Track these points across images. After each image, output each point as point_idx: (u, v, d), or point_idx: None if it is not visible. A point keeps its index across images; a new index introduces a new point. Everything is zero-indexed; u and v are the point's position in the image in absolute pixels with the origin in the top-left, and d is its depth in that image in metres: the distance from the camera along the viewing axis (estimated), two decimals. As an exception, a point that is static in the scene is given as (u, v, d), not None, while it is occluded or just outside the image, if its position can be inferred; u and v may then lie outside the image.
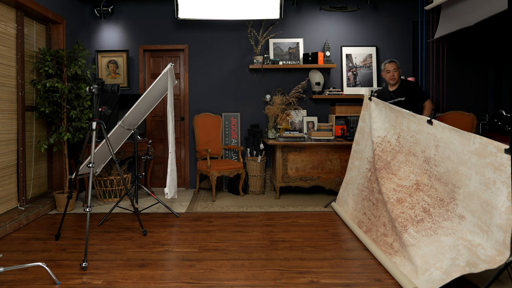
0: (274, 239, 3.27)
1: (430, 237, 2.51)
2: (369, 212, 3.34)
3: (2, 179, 3.60)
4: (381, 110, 3.57)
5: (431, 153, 2.76)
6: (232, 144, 5.29)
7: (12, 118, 3.77)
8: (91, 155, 3.03)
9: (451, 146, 2.53)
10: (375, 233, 3.09)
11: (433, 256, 2.40)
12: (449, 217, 2.47)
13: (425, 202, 2.70)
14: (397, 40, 5.31)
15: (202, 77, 5.33)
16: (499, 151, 2.14)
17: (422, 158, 2.88)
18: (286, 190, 5.11)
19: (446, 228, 2.45)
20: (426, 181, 2.78)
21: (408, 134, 3.11)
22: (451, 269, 2.23)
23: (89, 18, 5.25)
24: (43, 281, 2.46)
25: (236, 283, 2.45)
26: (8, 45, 3.70)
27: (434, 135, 2.74)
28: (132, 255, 2.92)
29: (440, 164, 2.65)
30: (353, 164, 3.89)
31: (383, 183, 3.13)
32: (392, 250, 2.78)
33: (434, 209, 2.61)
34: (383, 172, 3.21)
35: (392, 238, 2.85)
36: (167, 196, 3.72)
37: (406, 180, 2.96)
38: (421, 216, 2.66)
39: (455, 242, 2.34)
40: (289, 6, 5.21)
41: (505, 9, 3.46)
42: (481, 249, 2.17)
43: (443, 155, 2.62)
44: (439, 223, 2.51)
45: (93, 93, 3.18)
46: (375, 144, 3.47)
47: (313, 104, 5.34)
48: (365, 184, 3.56)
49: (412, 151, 3.02)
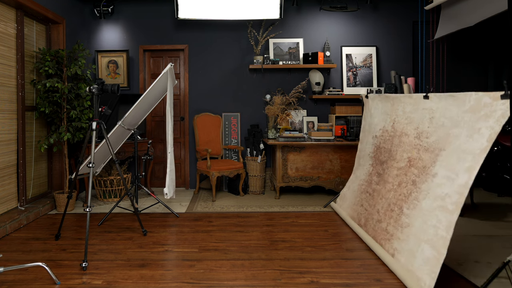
0: (274, 239, 3.27)
1: (416, 207, 2.57)
2: (366, 203, 3.37)
3: (2, 179, 3.60)
4: (377, 104, 3.66)
5: (425, 127, 2.81)
6: (232, 144, 5.29)
7: (12, 118, 3.77)
8: (91, 155, 3.03)
9: (447, 113, 2.57)
10: (371, 222, 3.13)
11: (420, 228, 2.45)
12: (426, 179, 2.54)
13: (413, 175, 2.76)
14: (397, 40, 5.31)
15: (202, 77, 5.33)
16: (494, 100, 2.17)
17: (413, 135, 2.92)
18: (286, 190, 5.11)
19: (424, 191, 2.52)
20: (415, 155, 2.83)
21: (403, 117, 3.16)
22: (437, 241, 2.27)
23: (89, 18, 5.25)
24: (43, 281, 2.46)
25: (236, 283, 2.45)
26: (8, 45, 3.70)
27: (429, 109, 2.79)
28: (132, 255, 2.92)
29: (432, 135, 2.70)
30: (358, 163, 3.93)
31: (389, 172, 3.14)
32: (388, 235, 2.80)
33: (419, 177, 2.67)
34: (389, 162, 3.23)
35: (385, 222, 2.88)
36: (166, 196, 3.72)
37: (402, 161, 3.00)
38: (410, 190, 2.72)
39: (431, 205, 2.41)
40: (289, 6, 5.21)
41: (505, 9, 3.46)
42: (448, 198, 2.27)
43: (437, 125, 2.66)
44: (420, 188, 2.58)
45: (93, 93, 3.18)
46: (378, 138, 3.51)
47: (313, 104, 5.34)
48: (366, 179, 3.59)
49: (404, 131, 3.07)
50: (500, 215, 3.87)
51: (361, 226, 3.31)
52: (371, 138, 3.65)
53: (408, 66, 5.29)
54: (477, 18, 3.90)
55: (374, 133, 3.60)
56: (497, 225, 3.56)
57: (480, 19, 3.85)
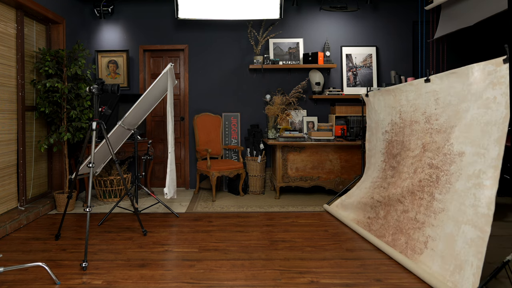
0: (274, 239, 3.27)
1: (449, 191, 2.48)
2: (378, 195, 3.32)
3: (2, 179, 3.60)
4: (379, 99, 3.65)
5: (432, 109, 2.80)
6: (232, 144, 5.29)
7: (12, 118, 3.77)
8: (91, 155, 3.03)
9: (451, 91, 2.57)
10: (394, 214, 3.02)
11: (458, 211, 2.37)
12: (453, 159, 2.48)
13: (428, 158, 2.74)
14: (397, 40, 5.31)
15: (202, 77, 5.33)
16: (497, 66, 2.17)
17: (423, 120, 2.91)
18: (286, 190, 5.11)
19: (455, 172, 2.45)
20: (428, 139, 2.82)
21: (408, 105, 3.16)
22: (478, 220, 2.19)
23: (89, 18, 5.25)
24: (43, 281, 2.46)
25: (236, 283, 2.45)
26: (8, 45, 3.70)
27: (433, 91, 2.79)
28: (132, 255, 2.92)
29: (441, 116, 2.69)
30: (369, 163, 3.89)
31: (404, 163, 3.11)
32: (418, 223, 2.72)
33: (434, 159, 2.65)
34: (402, 153, 3.21)
35: (414, 212, 2.79)
36: (167, 196, 3.72)
37: (416, 149, 2.97)
38: (430, 174, 2.67)
39: (465, 185, 2.34)
40: (289, 6, 5.21)
41: (505, 9, 3.46)
42: (483, 174, 2.21)
43: (444, 104, 2.66)
44: (449, 171, 2.51)
45: (93, 93, 3.18)
46: (389, 132, 3.49)
47: (313, 104, 5.34)
48: (380, 175, 3.54)
49: (414, 119, 3.06)
50: (500, 215, 3.87)
51: (371, 221, 3.27)
52: (381, 134, 3.62)
53: (408, 66, 5.29)
54: (477, 17, 3.90)
55: (384, 128, 3.57)
56: (497, 225, 3.56)
57: (480, 19, 3.85)
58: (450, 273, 2.28)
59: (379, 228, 3.14)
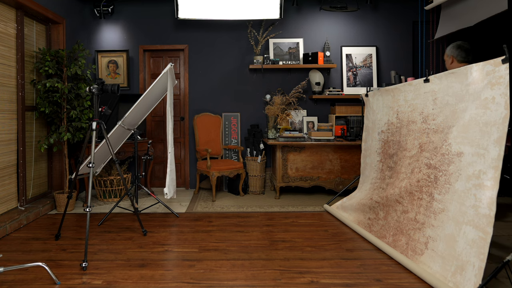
0: (274, 239, 3.27)
1: (449, 191, 2.47)
2: (376, 196, 3.32)
3: (2, 179, 3.60)
4: (378, 99, 3.65)
5: (429, 109, 2.81)
6: (232, 144, 5.29)
7: (12, 118, 3.77)
8: (91, 155, 3.03)
9: (450, 91, 2.57)
10: (394, 214, 3.01)
11: (458, 211, 2.36)
12: (452, 160, 2.47)
13: (426, 158, 2.73)
14: (397, 40, 5.31)
15: (202, 77, 5.33)
16: (496, 66, 2.17)
17: (420, 120, 2.92)
18: (286, 190, 5.11)
19: (454, 172, 2.44)
20: (425, 139, 2.82)
21: (405, 105, 3.16)
22: (479, 221, 2.19)
23: (89, 18, 5.25)
24: (43, 281, 2.46)
25: (236, 283, 2.45)
26: (8, 45, 3.70)
27: (431, 91, 2.79)
28: (132, 255, 2.92)
29: (438, 116, 2.70)
30: (365, 163, 3.90)
31: (401, 163, 3.11)
32: (418, 224, 2.71)
33: (432, 160, 2.64)
34: (399, 153, 3.21)
35: (413, 212, 2.79)
36: (167, 196, 3.72)
37: (413, 149, 2.97)
38: (428, 174, 2.66)
39: (465, 185, 2.33)
40: (289, 6, 5.21)
41: (505, 9, 3.46)
42: (483, 174, 2.20)
43: (442, 104, 2.66)
44: (448, 171, 2.50)
45: (93, 93, 3.18)
46: (385, 132, 3.50)
47: (313, 104, 5.34)
48: (378, 176, 3.54)
49: (411, 119, 3.06)
50: (500, 215, 3.87)
51: (372, 222, 3.27)
52: (377, 134, 3.63)
53: (408, 66, 5.30)
54: (477, 18, 3.90)
55: (380, 128, 3.57)
56: (497, 225, 3.56)
57: (480, 19, 3.85)
58: (452, 273, 2.28)
59: (379, 229, 3.14)
